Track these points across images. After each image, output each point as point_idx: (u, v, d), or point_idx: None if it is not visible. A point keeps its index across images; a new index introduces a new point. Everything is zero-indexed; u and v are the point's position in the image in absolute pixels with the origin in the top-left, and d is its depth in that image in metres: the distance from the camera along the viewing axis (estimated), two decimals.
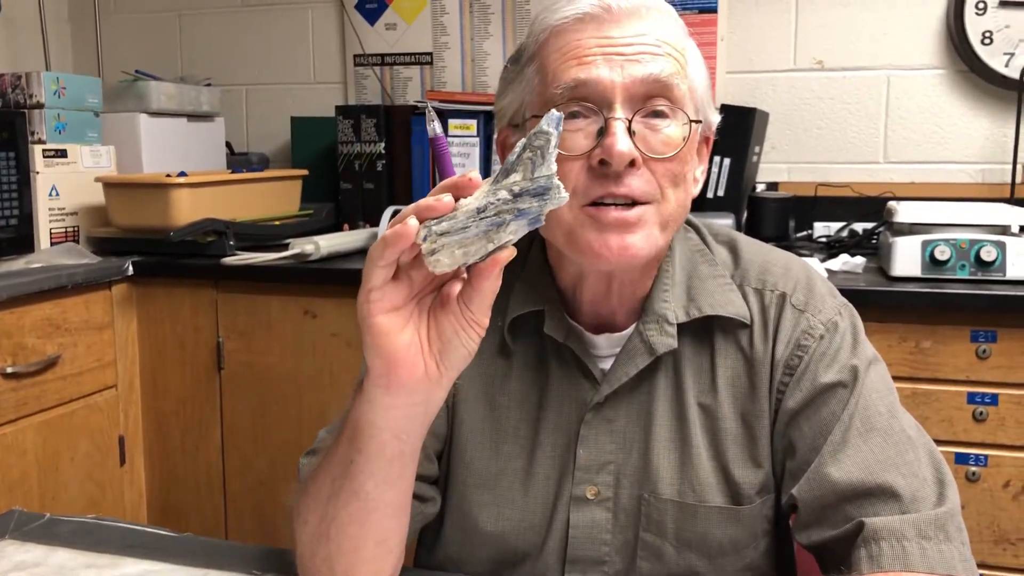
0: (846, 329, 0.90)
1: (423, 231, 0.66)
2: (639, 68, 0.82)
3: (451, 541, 0.96)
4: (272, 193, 2.34)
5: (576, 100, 0.82)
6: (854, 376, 0.87)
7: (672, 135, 0.83)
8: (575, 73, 0.82)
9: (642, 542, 0.90)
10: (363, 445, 0.75)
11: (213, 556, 0.93)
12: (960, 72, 2.22)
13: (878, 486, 0.81)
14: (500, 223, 0.66)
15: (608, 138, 0.80)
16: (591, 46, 0.83)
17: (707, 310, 0.90)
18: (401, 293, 0.68)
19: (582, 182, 0.82)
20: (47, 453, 1.90)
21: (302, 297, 2.00)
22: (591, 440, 0.91)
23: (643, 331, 0.90)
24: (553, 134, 0.65)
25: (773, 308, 0.90)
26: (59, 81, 2.16)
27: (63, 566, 0.92)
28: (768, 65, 2.36)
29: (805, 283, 0.92)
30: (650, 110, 0.83)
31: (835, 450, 0.84)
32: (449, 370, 0.71)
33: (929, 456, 0.85)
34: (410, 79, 2.62)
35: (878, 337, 1.69)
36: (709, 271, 0.93)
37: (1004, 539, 1.68)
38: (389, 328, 0.69)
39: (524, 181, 0.65)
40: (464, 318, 0.69)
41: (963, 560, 0.78)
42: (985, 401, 1.66)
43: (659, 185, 0.83)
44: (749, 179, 2.19)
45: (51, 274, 1.90)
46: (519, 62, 0.89)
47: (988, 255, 1.68)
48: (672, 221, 0.86)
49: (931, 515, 0.79)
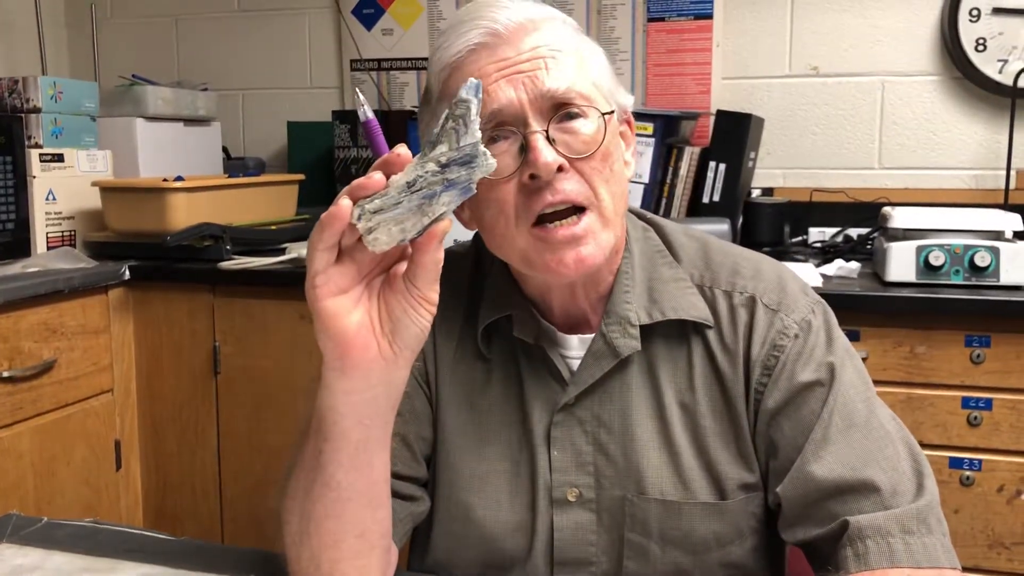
0: (820, 327, 0.91)
1: (356, 211, 0.67)
2: (542, 79, 0.84)
3: (440, 545, 0.97)
4: (268, 198, 2.34)
5: (491, 127, 0.84)
6: (831, 373, 0.88)
7: (589, 132, 0.85)
8: (487, 105, 0.84)
9: (628, 542, 0.91)
10: (328, 433, 0.75)
11: (210, 559, 0.93)
12: (954, 79, 2.24)
13: (860, 482, 0.82)
14: (432, 195, 0.67)
15: (531, 153, 0.82)
16: (491, 72, 0.85)
17: (669, 313, 0.91)
18: (347, 276, 0.69)
19: (520, 201, 0.84)
20: (43, 457, 1.90)
21: (298, 302, 2.00)
22: (563, 441, 0.92)
23: (606, 333, 0.91)
24: (473, 101, 0.67)
25: (743, 310, 0.91)
26: (56, 86, 2.16)
27: (60, 570, 0.92)
28: (763, 71, 2.37)
29: (776, 283, 0.93)
30: (563, 114, 0.85)
31: (817, 448, 0.85)
32: (404, 349, 0.72)
33: (907, 449, 0.86)
34: (407, 84, 2.63)
35: (873, 342, 1.70)
36: (670, 273, 0.94)
37: (998, 543, 1.69)
38: (337, 311, 0.69)
39: (450, 151, 0.67)
40: (412, 296, 0.70)
41: (945, 551, 0.80)
42: (979, 406, 1.67)
43: (591, 185, 0.85)
44: (744, 184, 2.20)
45: (48, 278, 1.90)
46: (430, 103, 0.91)
47: (982, 260, 1.69)
48: (615, 214, 0.88)
49: (912, 509, 0.81)
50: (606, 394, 0.92)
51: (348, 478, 0.77)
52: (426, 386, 0.97)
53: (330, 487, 0.77)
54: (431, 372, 0.97)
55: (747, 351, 0.90)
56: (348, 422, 0.74)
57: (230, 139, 2.74)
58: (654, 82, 2.40)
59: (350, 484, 0.77)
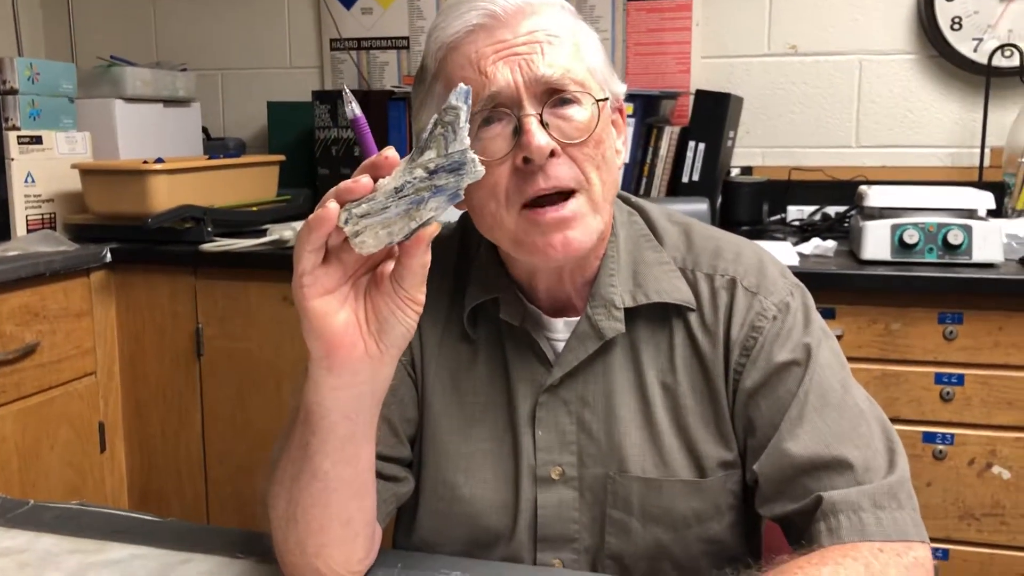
0: (797, 309, 0.93)
1: (344, 215, 0.67)
2: (537, 63, 0.85)
3: (425, 524, 0.98)
4: (249, 179, 2.34)
5: (487, 108, 0.85)
6: (807, 354, 0.90)
7: (583, 119, 0.86)
8: (485, 87, 0.85)
9: (610, 518, 0.93)
10: (315, 427, 0.76)
11: (197, 540, 0.95)
12: (930, 57, 2.26)
13: (834, 458, 0.85)
14: (419, 201, 0.67)
15: (525, 136, 0.84)
16: (488, 54, 0.86)
17: (653, 296, 0.93)
18: (333, 276, 0.70)
19: (512, 184, 0.86)
20: (27, 440, 1.90)
21: (281, 284, 2.01)
22: (548, 421, 0.94)
23: (591, 315, 0.93)
24: (462, 108, 0.66)
25: (724, 292, 0.93)
26: (33, 67, 2.15)
27: (49, 551, 0.93)
28: (742, 50, 2.38)
29: (756, 266, 0.95)
30: (557, 100, 0.86)
31: (792, 426, 0.87)
32: (390, 348, 0.73)
33: (880, 426, 0.88)
34: (387, 64, 2.62)
35: (848, 320, 1.73)
36: (654, 257, 0.96)
37: (969, 514, 1.73)
38: (324, 311, 0.70)
39: (439, 158, 0.66)
40: (399, 296, 0.71)
41: (915, 524, 0.83)
42: (952, 381, 1.70)
43: (582, 170, 0.86)
44: (724, 164, 2.21)
45: (29, 262, 1.90)
46: (425, 81, 0.92)
47: (955, 239, 1.71)
48: (603, 203, 0.89)
49: (884, 485, 0.83)
50: (590, 375, 0.94)
51: (335, 470, 0.78)
52: (411, 368, 0.98)
53: (317, 477, 0.79)
54: (416, 354, 0.99)
55: (727, 332, 0.92)
56: (335, 416, 0.76)
57: (210, 120, 2.73)
58: (634, 61, 2.41)
59: (337, 475, 0.79)
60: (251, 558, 0.90)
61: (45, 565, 0.90)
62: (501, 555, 0.95)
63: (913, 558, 0.80)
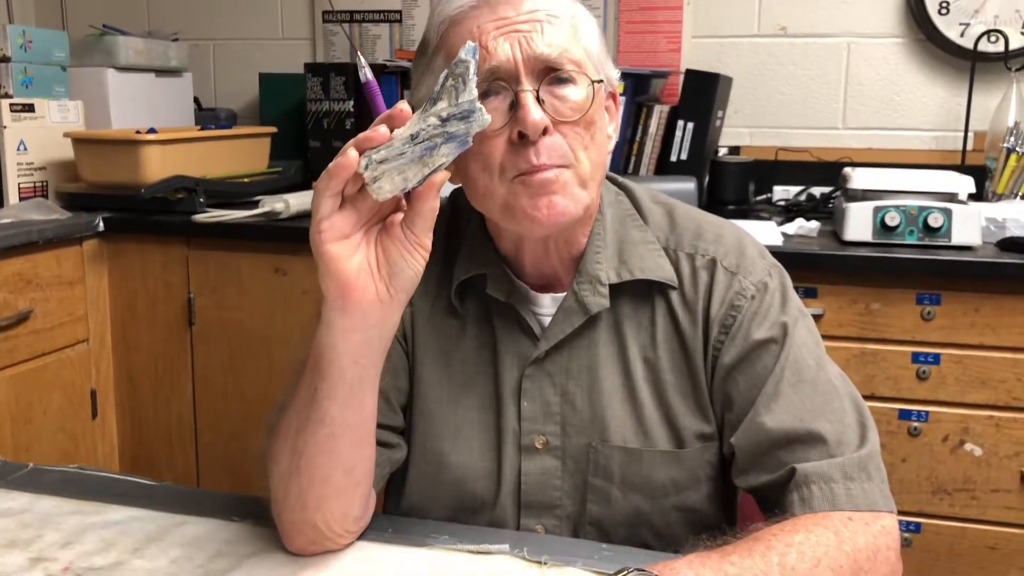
0: (775, 289, 0.96)
1: (363, 161, 0.73)
2: (536, 40, 0.88)
3: (415, 490, 1.02)
4: (241, 150, 2.35)
5: (486, 81, 0.88)
6: (784, 332, 0.93)
7: (578, 99, 0.89)
8: (485, 61, 0.88)
9: (591, 486, 0.97)
10: (325, 371, 0.80)
11: (193, 503, 0.98)
12: (918, 41, 2.28)
13: (807, 432, 0.89)
14: (432, 146, 0.73)
15: (521, 110, 0.87)
16: (490, 29, 0.89)
17: (637, 273, 0.97)
18: (349, 221, 0.75)
19: (506, 156, 0.88)
20: (20, 406, 1.93)
21: (272, 255, 2.03)
22: (533, 393, 0.98)
23: (577, 291, 0.96)
24: (472, 62, 0.73)
25: (704, 272, 0.97)
26: (25, 34, 2.15)
27: (49, 513, 0.96)
28: (733, 30, 2.40)
29: (736, 247, 0.98)
30: (554, 78, 0.89)
31: (768, 400, 0.91)
32: (399, 292, 0.78)
33: (852, 402, 0.92)
34: (379, 37, 2.62)
35: (829, 299, 1.77)
36: (640, 236, 0.99)
37: (941, 489, 1.78)
38: (339, 255, 0.75)
39: (450, 107, 0.73)
40: (408, 241, 0.76)
41: (883, 496, 0.87)
42: (928, 361, 1.74)
43: (571, 149, 0.89)
44: (712, 143, 2.24)
45: (22, 229, 1.91)
46: (426, 54, 0.95)
47: (935, 222, 1.75)
48: (591, 179, 0.92)
49: (855, 458, 0.87)
50: (575, 349, 0.97)
51: (342, 415, 0.82)
52: (402, 339, 1.01)
53: (324, 423, 0.82)
54: (407, 326, 1.01)
55: (706, 310, 0.96)
56: (345, 360, 0.79)
57: (201, 90, 2.73)
58: (625, 39, 2.42)
59: (343, 420, 0.82)
60: (246, 521, 0.94)
61: (46, 525, 0.93)
62: (486, 520, 0.99)
63: (881, 527, 0.84)
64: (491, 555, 0.87)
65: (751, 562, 0.77)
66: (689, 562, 0.76)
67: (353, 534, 0.89)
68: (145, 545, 0.89)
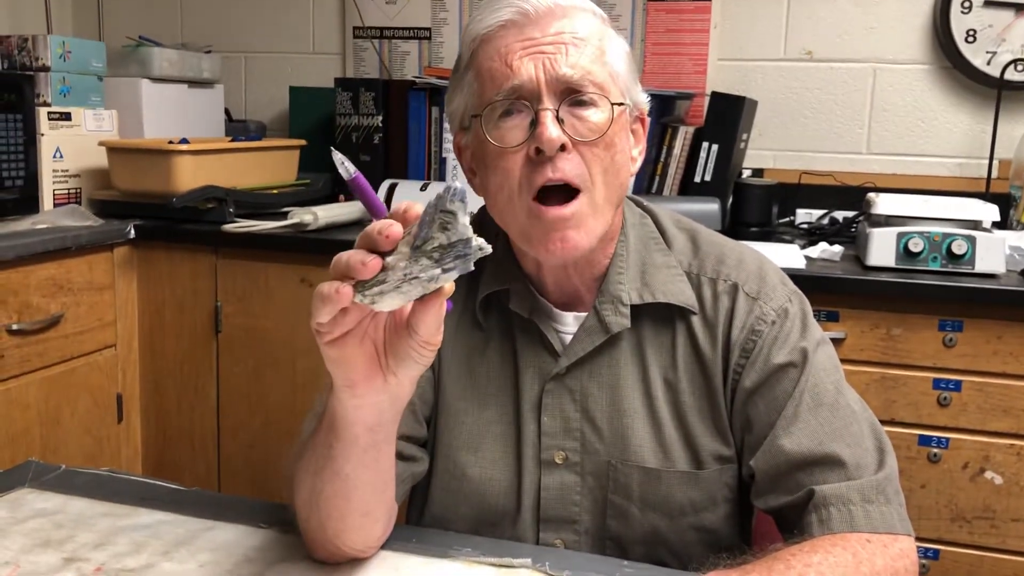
0: (796, 315, 0.98)
1: (358, 296, 0.67)
2: (560, 61, 0.90)
3: (437, 500, 1.03)
4: (270, 162, 2.38)
5: (509, 99, 0.91)
6: (804, 357, 0.95)
7: (598, 120, 0.91)
8: (509, 79, 0.91)
9: (610, 503, 0.99)
10: (339, 434, 0.79)
11: (221, 509, 1.00)
12: (944, 68, 2.29)
13: (826, 455, 0.90)
14: (431, 279, 0.66)
15: (539, 128, 0.89)
16: (516, 49, 0.91)
17: (659, 296, 0.98)
18: (351, 320, 0.70)
19: (524, 173, 0.91)
20: (49, 408, 1.96)
21: (299, 266, 2.05)
22: (553, 408, 0.99)
23: (599, 310, 0.98)
24: (460, 211, 0.65)
25: (726, 297, 0.98)
26: (65, 45, 2.20)
27: (82, 514, 0.99)
28: (759, 54, 2.41)
29: (757, 273, 1.00)
30: (575, 100, 0.91)
31: (787, 424, 0.92)
32: (409, 379, 0.74)
33: (870, 427, 0.93)
34: (408, 53, 2.66)
35: (851, 323, 1.77)
36: (663, 260, 1.01)
37: (960, 517, 1.77)
38: (342, 351, 0.71)
39: (440, 249, 0.65)
40: (415, 340, 0.70)
41: (901, 519, 0.88)
42: (949, 387, 1.74)
43: (589, 169, 0.91)
44: (736, 165, 2.25)
45: (56, 235, 1.95)
46: (459, 70, 0.98)
47: (959, 248, 1.75)
48: (605, 205, 0.93)
49: (873, 481, 0.88)
50: (596, 367, 0.99)
51: (356, 472, 0.82)
52: None
53: (339, 476, 0.82)
54: None
55: (727, 335, 0.97)
56: (358, 429, 0.78)
57: (232, 102, 2.77)
58: (651, 60, 2.44)
59: (357, 476, 0.82)
60: (273, 528, 0.95)
61: (79, 526, 0.95)
62: (506, 534, 1.00)
63: (899, 549, 0.85)
64: (513, 568, 0.89)
65: None
66: None
67: (375, 549, 0.91)
68: (175, 549, 0.91)
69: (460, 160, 1.01)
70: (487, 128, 0.92)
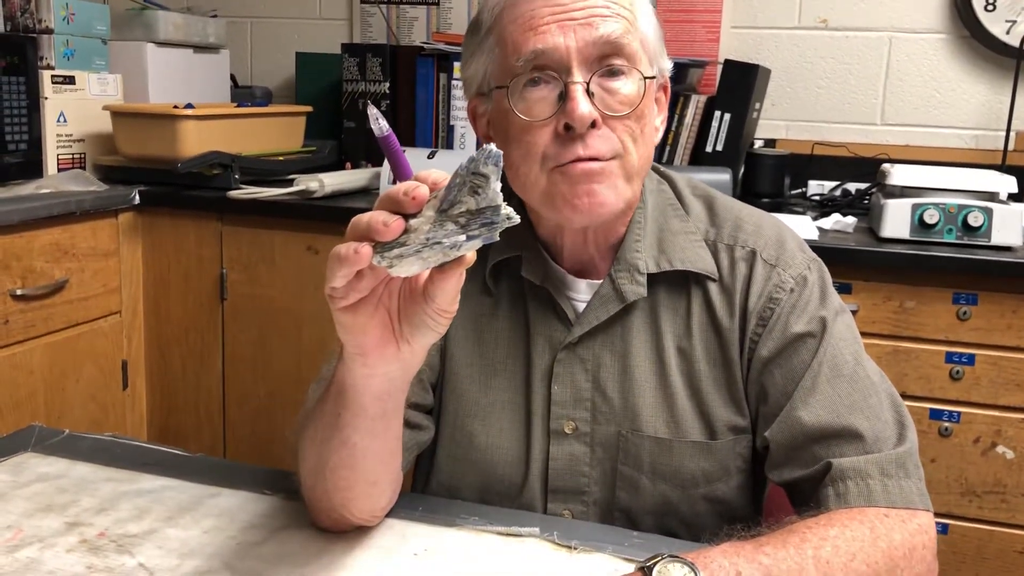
0: (815, 283, 0.95)
1: (376, 257, 0.64)
2: (590, 31, 0.86)
3: (444, 468, 1.02)
4: (276, 128, 2.36)
5: (536, 69, 0.87)
6: (823, 326, 0.93)
7: (628, 92, 0.88)
8: (532, 43, 0.86)
9: (620, 474, 0.97)
10: (347, 403, 0.77)
11: (225, 476, 0.99)
12: (962, 37, 2.25)
13: (844, 428, 0.88)
14: (453, 245, 0.63)
15: (569, 103, 0.85)
16: (544, 15, 0.87)
17: (677, 264, 0.96)
18: (366, 285, 0.66)
19: (551, 147, 0.88)
20: (54, 374, 1.95)
21: (305, 233, 2.04)
22: (564, 377, 0.97)
23: (615, 278, 0.96)
24: (493, 176, 0.62)
25: (743, 263, 0.96)
26: (68, 7, 2.16)
27: (85, 479, 0.98)
28: (772, 22, 2.37)
29: (776, 240, 0.97)
30: (606, 70, 0.87)
31: (805, 395, 0.90)
32: (422, 347, 0.72)
33: (890, 400, 0.91)
34: (416, 19, 2.62)
35: (863, 296, 1.75)
36: (680, 226, 0.98)
37: (971, 491, 1.76)
38: (355, 318, 0.68)
39: (469, 214, 0.63)
40: (431, 307, 0.68)
41: (920, 494, 0.86)
42: (962, 361, 1.72)
43: (620, 141, 0.88)
44: (748, 135, 2.22)
45: (60, 200, 1.93)
46: (478, 33, 0.93)
47: (975, 220, 1.73)
48: (637, 173, 0.91)
49: (892, 454, 0.86)
50: (608, 336, 0.97)
51: (364, 441, 0.80)
52: None
53: (346, 446, 0.80)
54: None
55: (744, 302, 0.95)
56: (367, 398, 0.76)
57: (237, 67, 2.74)
58: (664, 28, 2.39)
59: (366, 446, 0.81)
60: (278, 494, 0.94)
61: (82, 491, 0.95)
62: (514, 503, 0.99)
63: (917, 524, 0.83)
64: (521, 538, 0.88)
65: (785, 553, 0.76)
66: (723, 551, 0.75)
67: (380, 518, 0.89)
68: (178, 514, 0.90)
69: (474, 126, 0.98)
70: (512, 99, 0.89)
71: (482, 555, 0.85)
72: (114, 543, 0.85)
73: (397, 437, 0.84)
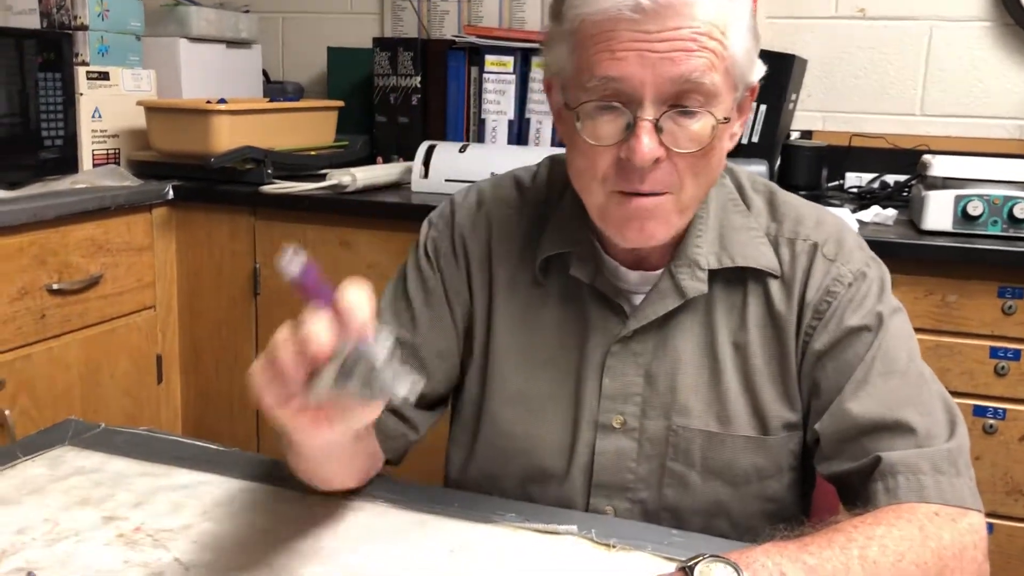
0: (873, 279, 0.93)
1: None
2: (671, 68, 0.80)
3: (483, 456, 1.01)
4: (308, 123, 2.36)
5: (607, 95, 0.83)
6: (879, 321, 0.91)
7: (699, 132, 0.83)
8: (607, 69, 0.81)
9: (668, 471, 0.95)
10: (297, 452, 0.85)
11: (259, 471, 0.98)
12: (1006, 25, 2.19)
13: (895, 421, 0.86)
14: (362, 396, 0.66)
15: (634, 140, 0.82)
16: (624, 39, 0.80)
17: (739, 260, 0.94)
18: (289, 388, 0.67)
19: (611, 170, 0.85)
20: (89, 368, 1.96)
21: (338, 227, 2.03)
22: (616, 371, 0.96)
23: (675, 273, 0.94)
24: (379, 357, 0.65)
25: (804, 256, 0.94)
26: (103, 3, 2.18)
27: (121, 473, 0.98)
28: (809, 11, 2.33)
29: (836, 236, 0.96)
30: (679, 110, 0.83)
31: (856, 388, 0.88)
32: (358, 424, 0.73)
33: (942, 398, 0.89)
34: (447, 12, 2.61)
35: (904, 289, 1.71)
36: (742, 222, 0.96)
37: (1016, 490, 1.72)
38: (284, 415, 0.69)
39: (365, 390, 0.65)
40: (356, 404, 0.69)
41: (972, 493, 0.83)
42: (1008, 356, 1.68)
43: (680, 176, 0.85)
44: (784, 127, 2.19)
45: (95, 195, 1.94)
46: (560, 23, 0.87)
47: (1021, 212, 1.68)
48: (692, 202, 0.89)
49: (944, 450, 0.84)
50: (663, 330, 0.95)
51: (320, 470, 0.90)
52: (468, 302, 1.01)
53: (310, 470, 0.90)
54: (483, 291, 1.01)
55: (802, 295, 0.93)
56: (317, 454, 0.84)
57: (269, 62, 2.75)
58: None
59: (334, 471, 0.91)
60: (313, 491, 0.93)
61: (118, 485, 0.95)
62: (554, 495, 0.97)
63: (968, 524, 0.81)
64: (558, 535, 0.86)
65: (830, 553, 0.74)
66: (766, 551, 0.73)
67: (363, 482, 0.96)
68: (213, 509, 0.90)
69: (548, 99, 0.94)
70: (580, 119, 0.85)
71: (519, 552, 0.84)
72: (150, 537, 0.85)
73: (362, 452, 0.91)
